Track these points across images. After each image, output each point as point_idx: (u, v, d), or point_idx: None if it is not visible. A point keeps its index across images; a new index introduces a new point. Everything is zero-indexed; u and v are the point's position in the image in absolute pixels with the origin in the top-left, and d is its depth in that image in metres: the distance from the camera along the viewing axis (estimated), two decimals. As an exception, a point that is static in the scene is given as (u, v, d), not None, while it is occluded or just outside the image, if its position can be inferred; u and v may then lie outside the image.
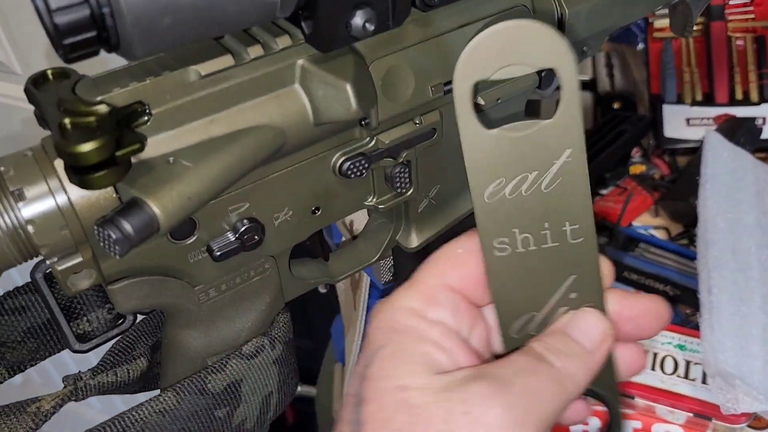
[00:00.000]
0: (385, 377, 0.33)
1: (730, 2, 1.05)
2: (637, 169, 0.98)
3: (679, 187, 0.91)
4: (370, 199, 0.44)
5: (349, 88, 0.36)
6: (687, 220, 0.89)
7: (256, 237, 0.39)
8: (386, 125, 0.40)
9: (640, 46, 1.12)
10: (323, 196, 0.43)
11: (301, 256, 0.47)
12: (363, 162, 0.42)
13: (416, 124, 0.43)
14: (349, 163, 0.41)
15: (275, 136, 0.35)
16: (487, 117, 0.35)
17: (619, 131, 0.99)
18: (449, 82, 0.42)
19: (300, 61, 0.37)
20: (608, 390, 0.37)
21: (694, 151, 0.99)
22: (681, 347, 0.65)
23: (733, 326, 0.64)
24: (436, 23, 0.41)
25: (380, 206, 0.44)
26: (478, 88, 0.34)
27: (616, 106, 1.06)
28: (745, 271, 0.69)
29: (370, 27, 0.36)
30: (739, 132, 0.91)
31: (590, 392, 0.36)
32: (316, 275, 0.46)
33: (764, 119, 1.02)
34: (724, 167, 0.81)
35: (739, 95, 1.02)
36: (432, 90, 0.41)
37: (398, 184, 0.44)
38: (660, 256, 0.82)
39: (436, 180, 0.46)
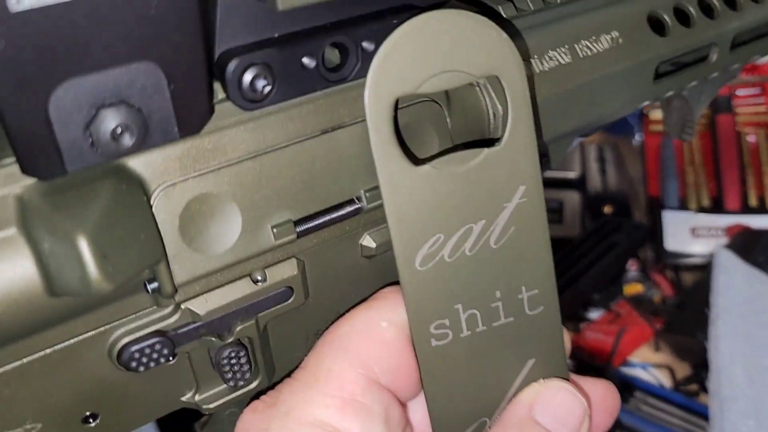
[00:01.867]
0: None
1: (738, 93, 0.92)
2: (632, 288, 0.82)
3: (685, 317, 0.75)
4: (189, 396, 0.28)
5: (83, 242, 0.21)
6: (695, 359, 0.73)
7: None
8: (198, 287, 0.25)
9: (637, 138, 0.98)
10: (100, 396, 0.27)
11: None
12: (159, 346, 0.26)
13: (256, 282, 0.27)
14: (134, 348, 0.26)
15: None
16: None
17: (611, 242, 0.85)
18: (307, 218, 0.27)
19: (15, 191, 0.22)
20: None
21: (702, 268, 0.84)
22: None
23: None
24: (276, 127, 0.26)
25: (206, 406, 0.28)
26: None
27: (607, 210, 0.92)
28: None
29: (128, 141, 0.21)
30: (756, 248, 0.76)
31: None
32: None
33: (785, 229, 0.87)
34: (739, 296, 0.67)
35: (753, 201, 0.88)
36: (275, 231, 0.26)
37: (230, 375, 0.29)
38: (662, 410, 0.65)
39: (303, 356, 0.30)
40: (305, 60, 0.25)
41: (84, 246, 0.21)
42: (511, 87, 0.26)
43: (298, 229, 0.27)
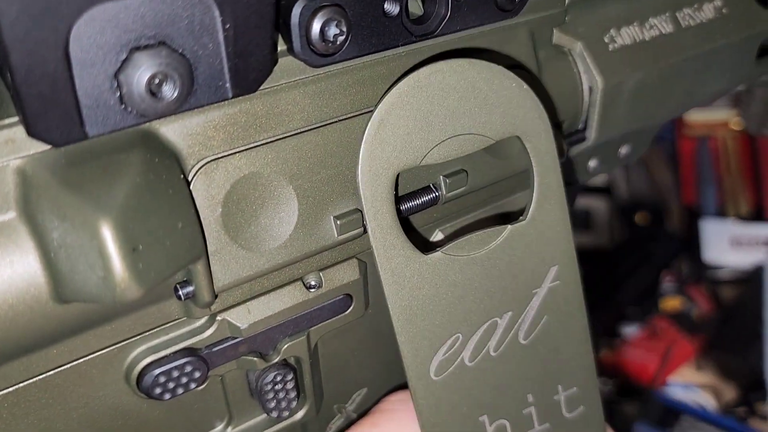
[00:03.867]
0: None
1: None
2: (670, 303, 0.78)
3: (730, 335, 0.71)
4: (219, 429, 0.23)
5: (106, 231, 0.16)
6: (743, 379, 0.68)
7: None
8: (239, 293, 0.19)
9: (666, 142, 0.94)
10: (116, 427, 0.22)
11: None
12: (189, 368, 0.21)
13: (309, 288, 0.22)
14: (159, 371, 0.21)
15: None
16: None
17: (645, 253, 0.80)
18: None
19: (16, 163, 0.17)
20: None
21: (742, 282, 0.80)
22: None
23: None
24: (346, 92, 0.21)
25: None
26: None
27: (639, 219, 0.87)
28: None
29: (168, 95, 0.17)
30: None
31: None
32: None
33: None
34: None
35: (795, 210, 0.84)
36: (338, 224, 0.21)
37: (273, 404, 0.24)
38: (713, 437, 0.61)
39: (357, 381, 0.26)
40: (387, 5, 0.20)
41: (108, 236, 0.16)
42: (536, 149, 0.23)
43: (366, 222, 0.22)
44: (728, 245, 0.83)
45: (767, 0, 0.33)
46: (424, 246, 0.22)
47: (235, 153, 0.20)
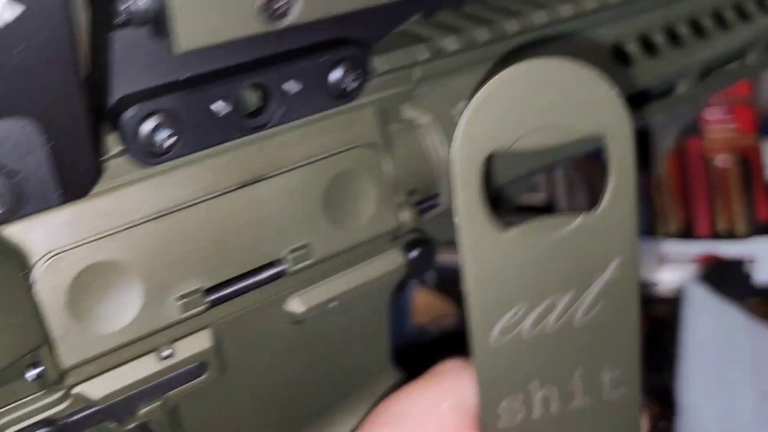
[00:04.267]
0: None
1: (707, 116, 0.92)
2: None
3: (654, 354, 0.73)
4: None
5: None
6: (664, 398, 0.71)
7: None
8: (92, 368, 0.21)
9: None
10: None
11: None
12: None
13: (163, 358, 0.24)
14: None
15: None
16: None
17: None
18: (220, 286, 0.24)
19: None
20: None
21: (671, 300, 0.82)
22: None
23: None
24: (184, 182, 0.23)
25: None
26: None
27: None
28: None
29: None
30: (727, 281, 0.75)
31: None
32: None
33: (754, 257, 0.86)
34: (709, 332, 0.66)
35: (722, 227, 0.87)
36: (181, 303, 0.23)
37: None
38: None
39: None
40: (217, 106, 0.22)
41: None
42: (617, 149, 0.24)
43: (209, 299, 0.24)
44: (657, 263, 0.86)
45: (626, 57, 0.35)
46: (503, 225, 0.25)
47: (79, 246, 0.22)
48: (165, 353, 0.25)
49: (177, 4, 0.19)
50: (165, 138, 0.21)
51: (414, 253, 0.30)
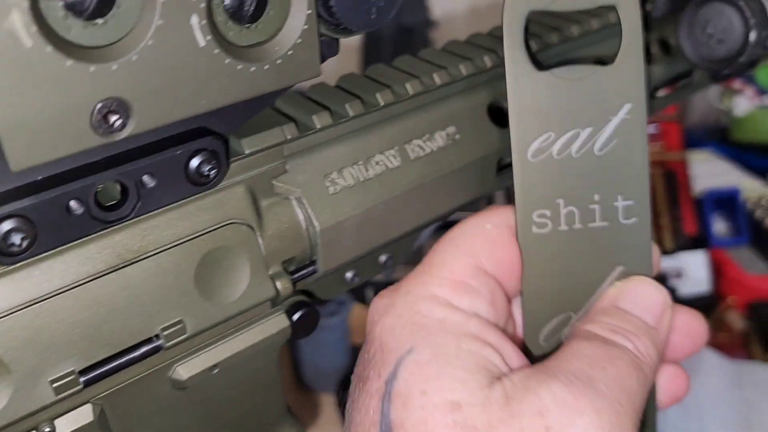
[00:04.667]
0: (425, 392, 0.27)
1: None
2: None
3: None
4: None
5: None
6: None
7: None
8: None
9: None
10: None
11: None
12: None
13: None
14: None
15: None
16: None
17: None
18: (95, 366, 0.25)
19: None
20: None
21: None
22: None
23: None
24: (48, 274, 0.24)
25: None
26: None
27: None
28: None
29: None
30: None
31: None
32: None
33: (680, 271, 0.89)
34: None
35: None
36: (55, 386, 0.24)
37: None
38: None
39: None
40: (72, 204, 0.23)
41: None
42: (626, 16, 0.30)
43: (83, 379, 0.25)
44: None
45: (503, 118, 0.36)
46: (539, 67, 0.31)
47: None
48: (46, 430, 0.26)
49: (3, 124, 0.19)
50: (20, 241, 0.22)
51: (297, 315, 0.31)
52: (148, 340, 0.26)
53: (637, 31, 0.30)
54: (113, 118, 0.21)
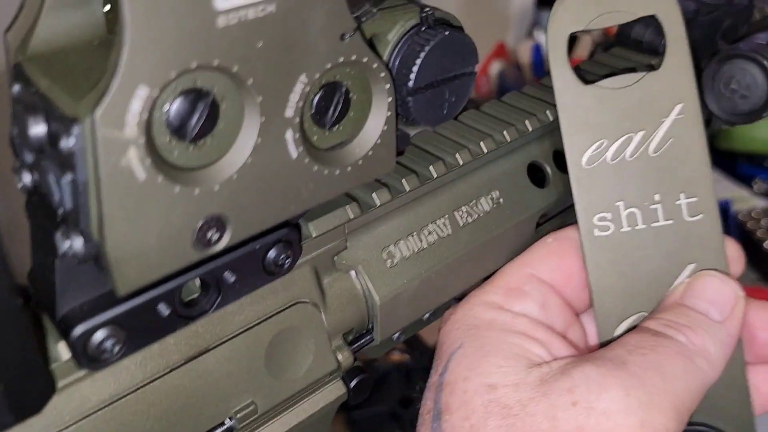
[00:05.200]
0: (467, 378, 0.29)
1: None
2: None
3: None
4: None
5: None
6: None
7: None
8: None
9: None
10: None
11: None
12: None
13: None
14: None
15: None
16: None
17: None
18: None
19: None
20: (740, 428, 0.32)
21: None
22: None
23: None
24: (132, 370, 0.25)
25: None
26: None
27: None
28: None
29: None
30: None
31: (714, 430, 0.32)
32: None
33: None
34: None
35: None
36: None
37: None
38: None
39: None
40: (161, 307, 0.24)
41: None
42: (668, 21, 0.31)
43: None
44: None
45: (543, 178, 0.38)
46: (585, 81, 0.32)
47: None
48: None
49: (113, 254, 0.20)
50: (111, 347, 0.23)
51: (354, 382, 0.32)
52: (221, 424, 0.27)
53: (681, 33, 0.31)
54: (211, 233, 0.21)
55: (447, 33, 0.25)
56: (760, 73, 0.40)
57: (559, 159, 0.38)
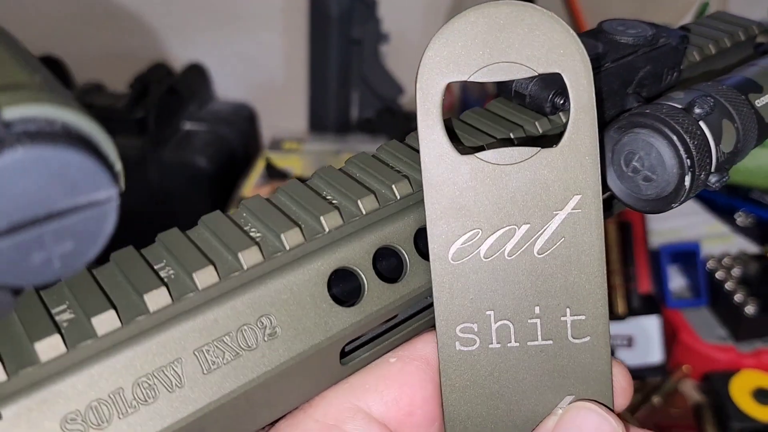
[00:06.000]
0: None
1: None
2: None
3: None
4: None
5: None
6: None
7: None
8: None
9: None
10: None
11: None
12: None
13: None
14: None
15: None
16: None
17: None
18: None
19: None
20: None
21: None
22: None
23: None
24: None
25: None
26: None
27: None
28: None
29: None
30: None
31: None
32: None
33: (631, 339, 0.82)
34: None
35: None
36: None
37: None
38: None
39: None
40: None
41: None
42: (574, 86, 0.25)
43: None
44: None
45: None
46: (462, 150, 0.26)
47: None
48: None
49: None
50: None
51: None
52: None
53: (590, 104, 0.26)
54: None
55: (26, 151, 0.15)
56: (668, 151, 0.30)
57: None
